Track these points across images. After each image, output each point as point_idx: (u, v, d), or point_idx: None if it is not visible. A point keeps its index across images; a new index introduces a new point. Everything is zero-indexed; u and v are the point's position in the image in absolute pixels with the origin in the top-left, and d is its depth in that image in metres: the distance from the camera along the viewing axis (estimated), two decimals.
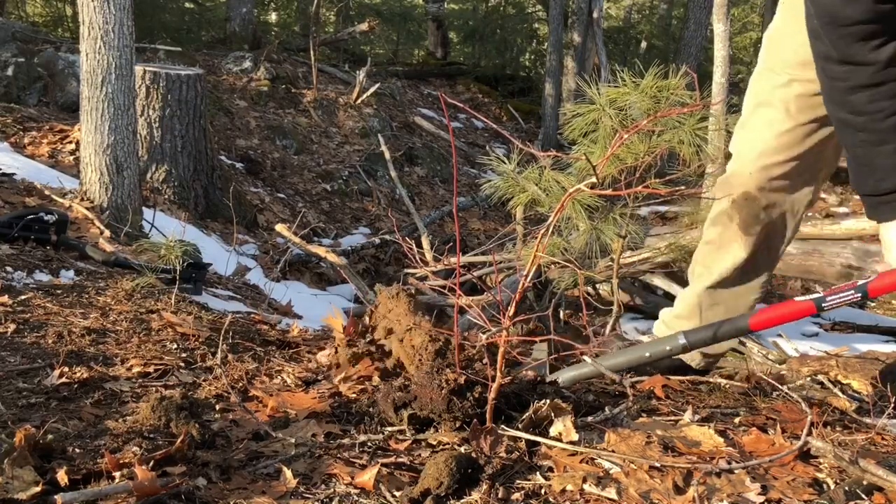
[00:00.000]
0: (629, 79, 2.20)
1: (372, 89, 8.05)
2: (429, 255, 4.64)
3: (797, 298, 1.49)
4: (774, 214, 1.80)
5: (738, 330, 1.55)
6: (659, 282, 3.71)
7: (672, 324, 1.99)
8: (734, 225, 1.82)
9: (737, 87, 10.55)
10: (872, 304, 4.90)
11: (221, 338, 1.75)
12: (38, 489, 1.00)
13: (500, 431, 1.24)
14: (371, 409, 1.38)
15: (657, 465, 1.17)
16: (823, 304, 1.44)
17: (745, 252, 1.83)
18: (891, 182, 1.41)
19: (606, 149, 2.17)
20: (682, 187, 1.90)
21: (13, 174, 3.61)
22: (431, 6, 12.66)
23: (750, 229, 1.80)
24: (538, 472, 1.17)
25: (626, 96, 2.14)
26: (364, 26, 9.65)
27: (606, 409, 1.41)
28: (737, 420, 1.44)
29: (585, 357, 1.55)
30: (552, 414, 1.28)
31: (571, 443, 1.23)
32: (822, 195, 7.36)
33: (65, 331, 1.79)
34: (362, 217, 6.54)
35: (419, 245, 4.80)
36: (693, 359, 1.93)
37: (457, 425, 1.29)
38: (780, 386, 1.64)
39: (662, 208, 5.72)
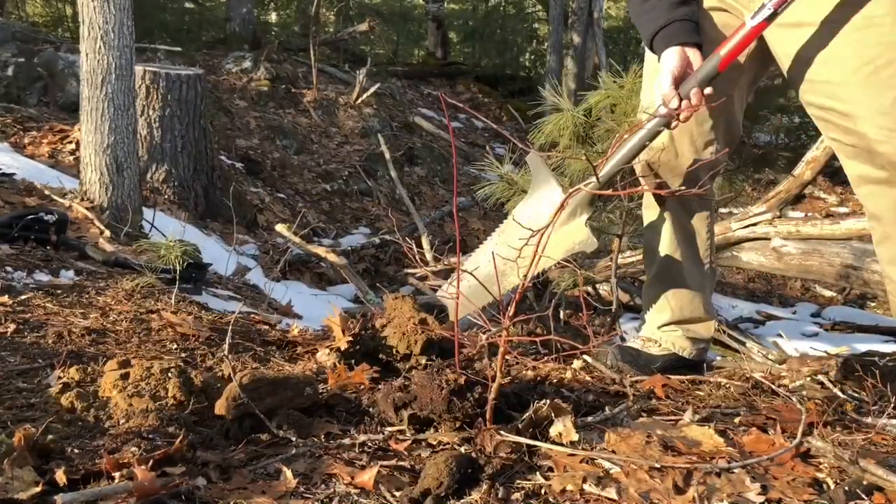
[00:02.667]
0: (608, 79, 2.20)
1: (372, 89, 8.05)
2: (429, 255, 4.64)
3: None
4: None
5: (713, 68, 1.59)
6: None
7: (655, 322, 2.00)
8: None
9: None
10: (873, 305, 4.91)
11: (228, 338, 1.75)
12: (38, 489, 1.00)
13: (499, 436, 1.24)
14: (371, 409, 1.38)
15: (657, 465, 1.17)
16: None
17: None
18: (663, 19, 1.64)
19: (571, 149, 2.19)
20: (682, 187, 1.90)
21: (13, 174, 3.61)
22: (431, 6, 12.66)
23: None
24: (538, 472, 1.17)
25: (606, 99, 2.14)
26: (364, 26, 9.65)
27: (606, 408, 1.41)
28: (737, 420, 1.44)
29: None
30: (552, 414, 1.28)
31: (572, 443, 1.24)
32: (822, 195, 7.36)
33: (65, 331, 1.79)
34: (362, 217, 6.54)
35: (419, 245, 4.80)
36: (684, 348, 1.94)
37: (457, 425, 1.29)
38: (774, 386, 1.65)
39: None
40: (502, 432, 1.25)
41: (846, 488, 1.13)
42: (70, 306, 2.02)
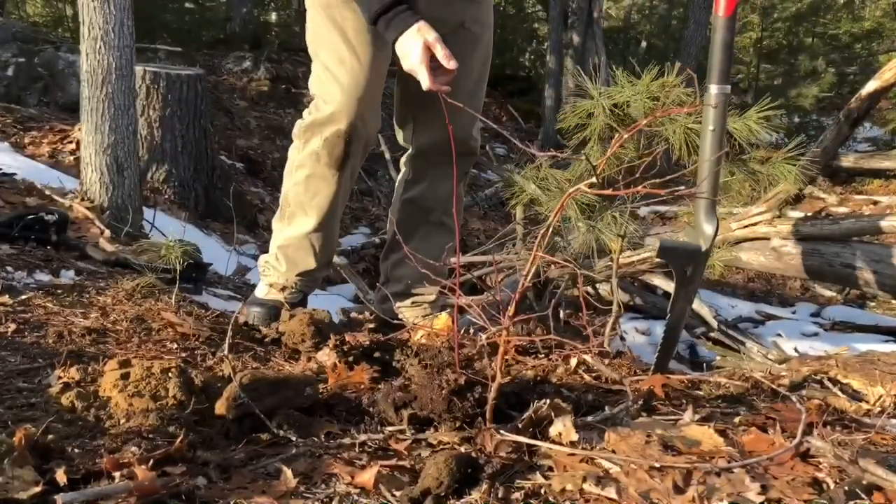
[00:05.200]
0: (624, 77, 2.21)
1: None
2: None
3: None
4: (355, 147, 2.08)
5: None
6: (659, 282, 3.71)
7: (278, 265, 2.24)
8: (322, 163, 2.09)
9: (737, 87, 10.55)
10: (872, 305, 4.91)
11: (228, 338, 1.75)
12: (38, 489, 1.00)
13: (499, 436, 1.24)
14: (371, 409, 1.38)
15: (657, 464, 1.17)
16: None
17: (335, 185, 2.11)
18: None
19: (600, 143, 2.19)
20: (682, 187, 1.91)
21: (13, 174, 3.61)
22: None
23: (336, 163, 2.09)
24: (538, 472, 1.17)
25: (622, 94, 2.15)
26: None
27: (606, 408, 1.41)
28: (737, 420, 1.44)
29: None
30: (552, 413, 1.28)
31: (571, 443, 1.24)
32: (822, 195, 7.34)
33: (65, 331, 1.79)
34: (362, 217, 6.54)
35: None
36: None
37: (457, 425, 1.29)
38: (774, 386, 1.65)
39: (662, 208, 5.73)
40: (502, 432, 1.25)
41: (846, 488, 1.13)
42: (70, 306, 2.02)
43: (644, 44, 12.69)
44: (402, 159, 2.31)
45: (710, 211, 1.79)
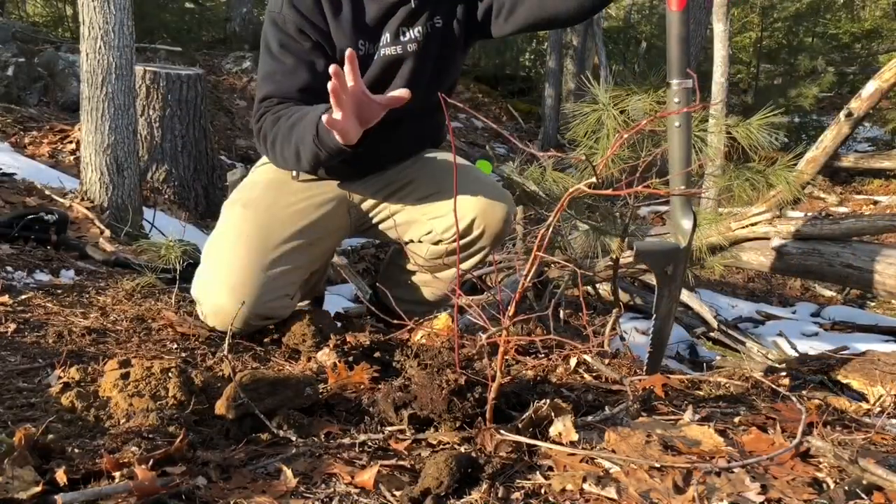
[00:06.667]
0: (633, 79, 2.21)
1: None
2: None
3: None
4: None
5: None
6: None
7: None
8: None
9: (736, 87, 10.54)
10: (872, 305, 4.91)
11: (228, 338, 1.75)
12: (38, 489, 1.00)
13: (499, 436, 1.24)
14: (371, 409, 1.38)
15: (657, 464, 1.17)
16: None
17: None
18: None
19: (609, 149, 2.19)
20: (682, 187, 1.91)
21: (13, 174, 3.61)
22: None
23: None
24: (538, 472, 1.17)
25: (630, 97, 2.15)
26: None
27: (606, 408, 1.41)
28: (737, 420, 1.44)
29: None
30: (552, 413, 1.29)
31: (571, 443, 1.24)
32: (822, 195, 7.34)
33: (65, 330, 1.79)
34: None
35: None
36: None
37: (457, 425, 1.29)
38: (774, 386, 1.65)
39: (662, 208, 5.72)
40: (502, 432, 1.25)
41: (846, 488, 1.13)
42: (70, 306, 2.02)
43: (644, 44, 12.69)
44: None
45: (686, 207, 1.79)
